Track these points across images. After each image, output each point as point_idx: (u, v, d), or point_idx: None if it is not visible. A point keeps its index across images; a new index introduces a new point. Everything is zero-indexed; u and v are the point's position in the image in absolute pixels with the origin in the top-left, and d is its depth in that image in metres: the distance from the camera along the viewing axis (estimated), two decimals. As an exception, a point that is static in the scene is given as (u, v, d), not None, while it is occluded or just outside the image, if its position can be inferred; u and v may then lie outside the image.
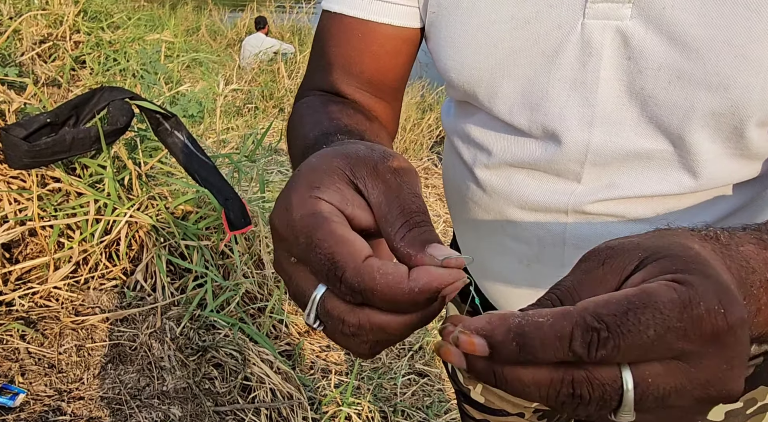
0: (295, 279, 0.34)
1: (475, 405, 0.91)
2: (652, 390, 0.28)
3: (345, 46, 0.63)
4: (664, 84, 0.48)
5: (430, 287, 0.30)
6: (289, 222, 0.33)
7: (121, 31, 3.93)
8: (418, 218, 0.33)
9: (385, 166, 0.35)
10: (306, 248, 0.32)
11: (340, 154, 0.36)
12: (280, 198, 0.35)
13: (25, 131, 1.54)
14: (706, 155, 0.50)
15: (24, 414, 1.36)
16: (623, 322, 0.27)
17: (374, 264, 0.31)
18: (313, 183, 0.34)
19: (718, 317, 0.27)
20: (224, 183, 1.89)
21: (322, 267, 0.32)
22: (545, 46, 0.51)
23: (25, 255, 1.70)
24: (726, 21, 0.44)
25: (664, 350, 0.27)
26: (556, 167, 0.56)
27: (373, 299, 0.31)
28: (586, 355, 0.27)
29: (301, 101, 0.64)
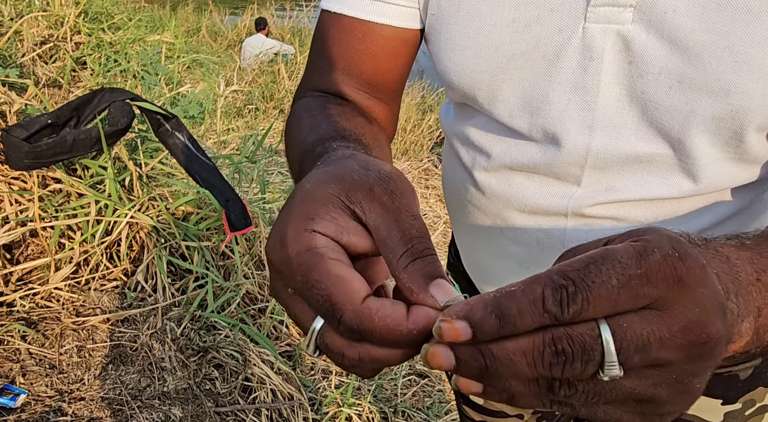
0: (293, 310, 0.35)
1: (474, 407, 0.92)
2: (630, 337, 0.28)
3: (344, 47, 0.63)
4: (665, 88, 0.48)
5: (428, 329, 0.31)
6: (284, 257, 0.33)
7: (121, 32, 3.93)
8: (420, 246, 0.33)
9: (381, 189, 0.35)
10: (303, 286, 0.32)
11: (334, 178, 0.35)
12: (274, 230, 0.35)
13: (26, 132, 1.54)
14: (705, 159, 0.50)
15: (25, 415, 1.36)
16: (586, 275, 0.28)
17: (372, 306, 0.31)
18: (308, 214, 0.34)
19: (674, 261, 0.28)
20: (225, 184, 1.89)
21: (320, 307, 0.32)
22: (546, 50, 0.51)
23: (26, 256, 1.71)
24: (727, 26, 0.44)
25: (632, 298, 0.28)
26: (555, 170, 0.56)
27: (372, 339, 0.31)
28: (560, 313, 0.28)
29: (299, 102, 0.64)
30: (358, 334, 0.31)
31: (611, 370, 0.29)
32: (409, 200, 0.35)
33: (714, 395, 0.69)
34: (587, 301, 0.28)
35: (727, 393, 0.69)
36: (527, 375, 0.29)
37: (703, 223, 0.55)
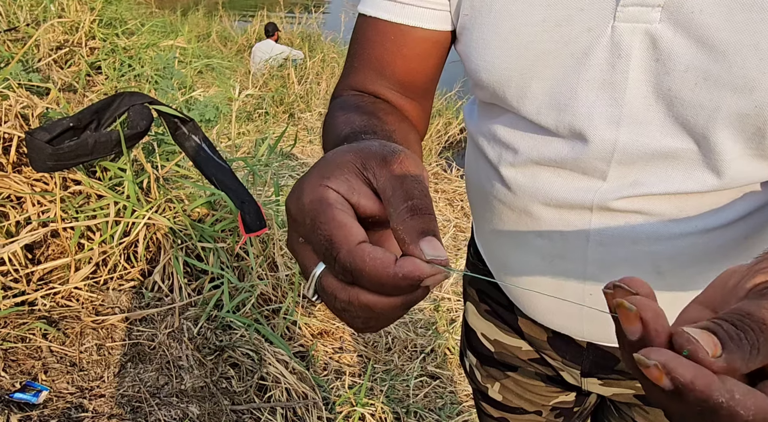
0: (300, 257, 0.38)
1: (493, 403, 0.93)
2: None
3: (378, 49, 0.66)
4: (691, 85, 0.49)
5: (412, 275, 0.33)
6: (299, 206, 0.37)
7: (135, 38, 3.98)
8: (419, 203, 0.36)
9: (392, 158, 0.38)
10: (310, 229, 0.36)
11: (353, 149, 0.39)
12: (295, 185, 0.39)
13: (49, 135, 1.57)
14: (729, 155, 0.52)
15: (47, 411, 1.39)
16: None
17: (366, 248, 0.34)
18: (324, 173, 0.37)
19: None
20: (240, 186, 1.92)
21: (321, 246, 0.35)
22: (575, 48, 0.53)
23: (47, 256, 1.74)
24: (752, 25, 0.46)
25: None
26: (582, 165, 0.57)
27: (361, 279, 0.34)
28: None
29: (336, 101, 0.67)
30: (350, 275, 0.34)
31: None
32: (418, 171, 0.38)
33: None
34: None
35: None
36: None
37: (726, 218, 0.57)
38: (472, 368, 0.94)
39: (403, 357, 2.25)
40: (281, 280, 2.07)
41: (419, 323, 2.49)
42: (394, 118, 0.61)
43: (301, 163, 4.16)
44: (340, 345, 2.14)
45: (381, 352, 2.21)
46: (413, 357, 2.27)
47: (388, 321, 0.37)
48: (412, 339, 2.34)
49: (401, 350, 2.27)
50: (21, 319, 1.59)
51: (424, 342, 2.35)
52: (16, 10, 3.55)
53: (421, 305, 2.65)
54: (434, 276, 0.34)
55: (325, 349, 2.08)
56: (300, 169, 3.93)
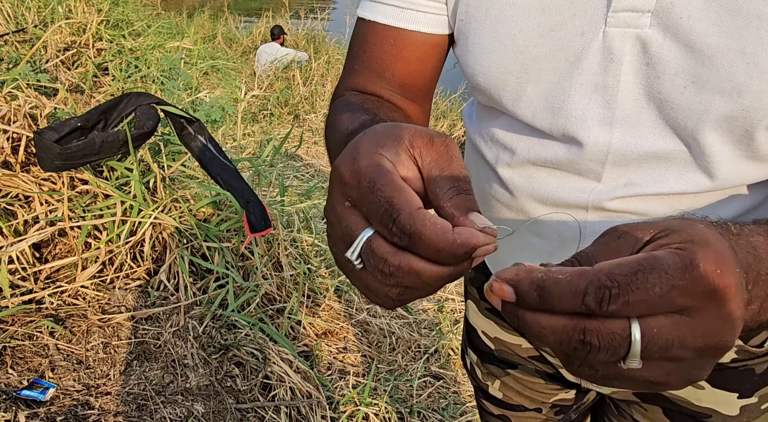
0: (345, 221, 0.38)
1: (494, 401, 0.94)
2: (656, 339, 0.32)
3: (378, 52, 0.67)
4: (680, 88, 0.50)
5: (469, 243, 0.35)
6: (355, 168, 0.37)
7: (141, 39, 4.01)
8: (464, 185, 0.38)
9: (439, 141, 0.39)
10: (367, 191, 0.36)
11: (400, 126, 0.40)
12: (347, 150, 0.39)
13: (57, 135, 1.59)
14: (718, 156, 0.53)
15: (54, 408, 1.41)
16: (633, 281, 0.31)
17: (426, 213, 0.35)
18: (378, 143, 0.38)
19: (715, 277, 0.31)
20: (245, 186, 1.93)
21: (380, 208, 0.35)
22: (569, 53, 0.54)
23: (54, 255, 1.76)
24: (739, 30, 0.47)
25: (669, 305, 0.31)
26: (577, 167, 0.59)
27: (419, 243, 0.35)
28: (597, 309, 0.31)
29: (338, 100, 0.68)
30: (408, 238, 0.35)
31: (632, 363, 0.32)
32: (460, 157, 0.40)
33: (730, 389, 0.71)
34: (627, 304, 0.31)
35: (743, 387, 0.71)
36: (550, 345, 0.33)
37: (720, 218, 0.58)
38: (473, 366, 0.95)
39: (407, 357, 2.26)
40: (286, 280, 2.08)
41: (423, 323, 2.50)
42: (398, 116, 0.63)
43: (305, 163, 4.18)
44: (344, 345, 2.15)
45: (385, 352, 2.22)
46: (417, 357, 2.28)
47: (425, 293, 0.38)
48: (416, 340, 2.35)
49: (405, 350, 2.28)
50: (28, 317, 1.61)
51: (428, 343, 2.36)
52: (24, 11, 3.59)
53: (425, 306, 2.66)
54: (486, 246, 0.35)
55: (329, 349, 2.09)
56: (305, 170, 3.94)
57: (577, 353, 0.32)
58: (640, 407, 0.79)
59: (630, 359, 0.32)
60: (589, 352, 0.32)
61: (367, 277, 0.38)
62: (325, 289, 2.27)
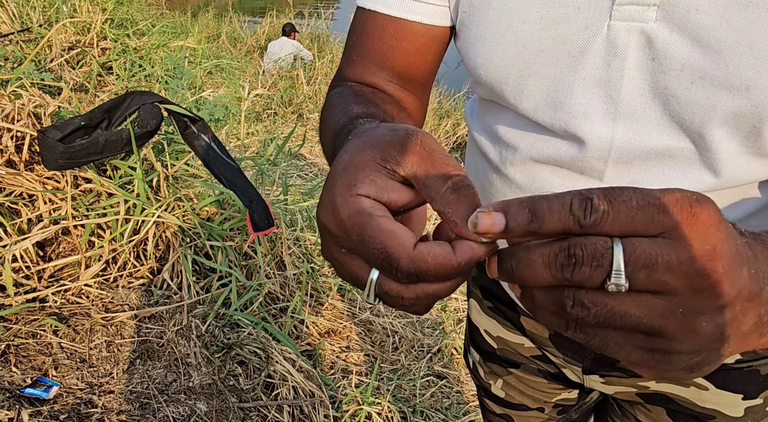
0: (348, 267, 0.39)
1: (496, 400, 0.93)
2: (639, 253, 0.32)
3: (377, 42, 0.67)
4: (687, 84, 0.49)
5: (472, 260, 0.35)
6: (338, 222, 0.37)
7: (146, 38, 4.02)
8: (458, 178, 0.37)
9: (411, 141, 0.38)
10: (359, 244, 0.36)
11: (368, 144, 0.39)
12: (323, 200, 0.39)
13: (61, 133, 1.59)
14: (725, 153, 0.52)
15: (57, 406, 1.41)
16: (610, 193, 0.32)
17: (423, 249, 0.35)
18: (350, 181, 0.37)
19: (692, 200, 0.32)
20: (249, 185, 1.93)
21: (377, 259, 0.36)
22: (572, 47, 0.53)
23: (58, 254, 1.76)
24: (748, 24, 0.46)
25: (648, 222, 0.31)
26: (579, 165, 0.58)
27: (426, 278, 0.36)
28: (582, 217, 0.32)
29: (333, 91, 0.68)
30: (414, 277, 0.35)
31: (618, 278, 0.32)
32: (438, 146, 0.39)
33: (734, 390, 0.70)
34: (607, 213, 0.31)
35: (748, 388, 0.70)
36: (543, 278, 0.33)
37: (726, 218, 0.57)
38: (476, 364, 0.94)
39: (410, 356, 2.26)
40: (289, 279, 2.08)
41: (426, 323, 2.50)
42: (393, 107, 0.62)
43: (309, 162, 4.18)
44: (347, 345, 2.15)
45: (388, 352, 2.21)
46: (420, 356, 2.27)
47: (446, 295, 0.39)
48: (419, 339, 2.34)
49: (408, 349, 2.28)
50: (32, 316, 1.61)
51: (431, 342, 2.36)
52: (29, 11, 3.60)
53: (428, 305, 2.65)
54: (489, 253, 0.36)
55: (332, 348, 2.09)
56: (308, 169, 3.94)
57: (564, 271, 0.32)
58: (643, 407, 0.78)
59: (615, 274, 0.31)
60: (574, 266, 0.32)
61: (392, 305, 0.39)
62: (328, 288, 2.27)
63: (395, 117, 0.58)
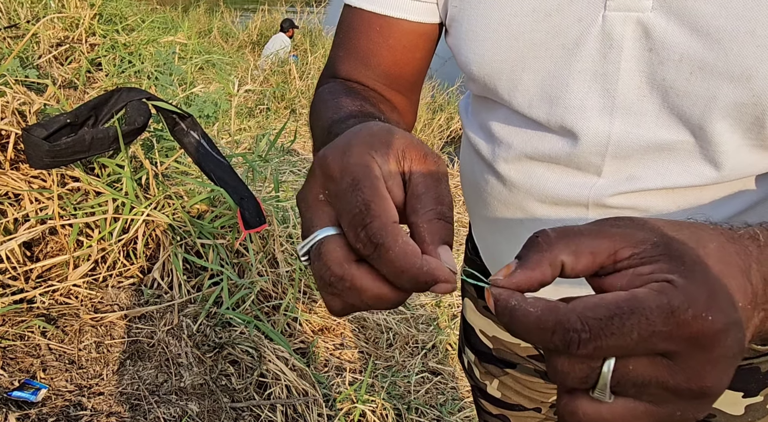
0: (312, 213, 0.37)
1: (492, 400, 0.92)
2: (631, 376, 0.30)
3: (363, 39, 0.65)
4: (686, 75, 0.48)
5: (434, 274, 0.33)
6: (343, 162, 0.35)
7: (135, 34, 3.97)
8: (447, 212, 0.36)
9: (431, 159, 0.37)
10: (348, 188, 0.34)
11: (395, 132, 0.38)
12: (338, 142, 0.37)
13: (46, 131, 1.56)
14: (726, 146, 0.50)
15: (46, 409, 1.39)
16: (607, 326, 0.29)
17: (401, 231, 0.34)
18: (372, 146, 0.37)
19: (704, 323, 0.29)
20: (239, 182, 1.91)
21: (354, 208, 0.34)
22: (566, 39, 0.52)
23: (45, 254, 1.73)
24: (748, 11, 0.44)
25: (649, 349, 0.29)
26: (576, 160, 0.56)
27: (383, 257, 0.33)
28: (565, 350, 0.29)
29: (323, 87, 0.66)
30: (373, 248, 0.33)
31: (600, 395, 0.31)
32: (447, 180, 0.38)
33: (735, 388, 0.69)
34: (600, 349, 0.29)
35: (748, 386, 0.69)
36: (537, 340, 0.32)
37: (726, 212, 0.55)
38: (471, 365, 0.93)
39: (405, 353, 2.24)
40: (281, 277, 2.06)
41: (420, 319, 2.48)
42: (385, 107, 0.60)
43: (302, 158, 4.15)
44: (340, 342, 2.13)
45: (382, 348, 2.20)
46: (414, 353, 2.26)
47: (364, 309, 0.36)
48: (414, 335, 2.33)
49: (402, 346, 2.27)
50: (19, 317, 1.58)
51: (426, 338, 2.34)
52: (16, 7, 3.55)
53: (423, 301, 2.64)
54: (447, 284, 0.33)
55: (325, 346, 2.07)
56: (301, 165, 3.91)
57: (548, 370, 0.32)
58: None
59: (598, 391, 0.30)
60: (556, 375, 0.31)
61: (315, 276, 0.36)
62: (322, 285, 2.25)
63: (388, 119, 0.56)
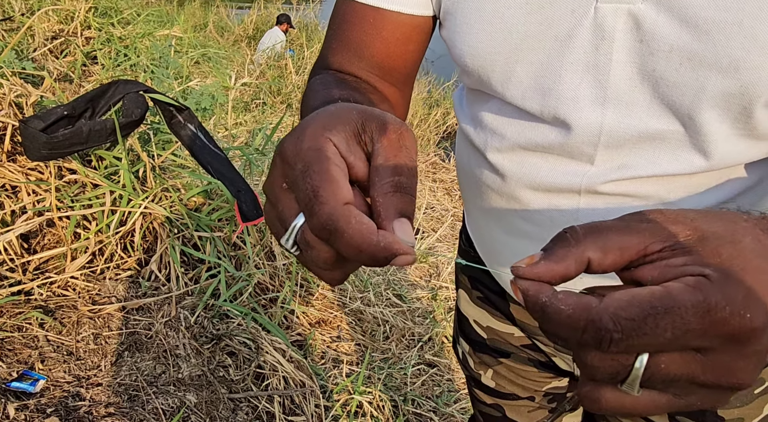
0: (281, 204, 0.37)
1: (486, 390, 0.93)
2: (663, 373, 0.30)
3: (357, 31, 0.65)
4: (675, 65, 0.49)
5: (391, 248, 0.33)
6: (296, 150, 0.36)
7: (131, 27, 3.96)
8: (406, 182, 0.36)
9: (393, 127, 0.37)
10: (299, 175, 0.35)
11: (356, 107, 0.38)
12: (296, 129, 0.38)
13: (43, 123, 1.57)
14: (715, 135, 0.51)
15: (44, 400, 1.39)
16: (641, 326, 0.28)
17: (352, 210, 0.33)
18: (327, 125, 0.37)
19: (742, 321, 0.28)
20: (237, 175, 1.91)
21: (305, 196, 0.34)
22: (558, 31, 0.53)
23: (43, 246, 1.74)
24: (736, 3, 0.45)
25: (681, 346, 0.29)
26: (569, 150, 0.57)
27: (340, 240, 0.33)
28: (597, 348, 0.29)
29: (315, 77, 0.67)
30: (327, 233, 0.33)
31: (630, 389, 0.31)
32: (413, 148, 0.38)
33: None
34: (632, 347, 0.29)
35: None
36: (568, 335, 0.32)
37: (715, 199, 0.56)
38: (465, 355, 0.94)
39: (401, 345, 2.26)
40: (278, 269, 2.07)
41: (417, 312, 2.50)
42: (376, 97, 0.61)
43: (298, 152, 4.14)
44: (337, 334, 2.14)
45: (379, 341, 2.21)
46: (411, 345, 2.28)
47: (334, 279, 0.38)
48: (410, 328, 2.34)
49: (399, 338, 2.28)
50: (17, 309, 1.59)
51: (422, 331, 2.36)
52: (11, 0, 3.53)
53: (419, 294, 2.66)
54: (406, 256, 0.34)
55: (322, 338, 2.08)
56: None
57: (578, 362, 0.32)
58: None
59: (627, 386, 0.31)
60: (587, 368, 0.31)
61: (307, 260, 0.37)
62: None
63: (379, 107, 0.56)
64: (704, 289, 0.28)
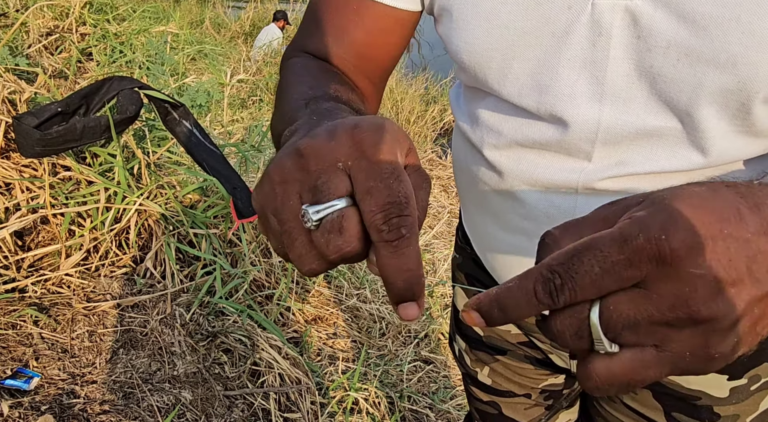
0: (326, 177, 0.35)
1: (483, 388, 0.93)
2: (616, 317, 0.30)
3: (338, 16, 0.64)
4: (673, 61, 0.48)
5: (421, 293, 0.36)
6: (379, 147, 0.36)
7: (126, 24, 3.94)
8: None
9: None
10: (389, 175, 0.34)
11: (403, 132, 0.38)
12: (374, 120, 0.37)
13: (37, 120, 1.55)
14: (713, 132, 0.51)
15: (39, 397, 1.39)
16: (570, 267, 0.30)
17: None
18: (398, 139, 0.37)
19: (658, 242, 0.29)
20: (232, 172, 1.91)
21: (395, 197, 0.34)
22: (555, 27, 0.52)
23: (37, 243, 1.72)
24: None
25: (617, 281, 0.30)
26: (566, 147, 0.57)
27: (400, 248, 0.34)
28: (552, 303, 0.31)
29: (293, 60, 0.65)
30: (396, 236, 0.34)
31: (601, 347, 0.31)
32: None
33: (720, 371, 0.70)
34: (574, 290, 0.30)
35: (733, 369, 0.70)
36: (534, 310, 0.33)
37: None
38: (461, 352, 0.93)
39: (397, 342, 2.26)
40: (274, 266, 2.06)
41: (413, 309, 2.49)
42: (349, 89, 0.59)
43: (295, 149, 4.13)
44: (333, 331, 2.14)
45: (375, 337, 2.21)
46: (407, 342, 2.27)
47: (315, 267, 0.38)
48: (406, 325, 2.34)
49: (395, 335, 2.28)
50: (11, 306, 1.58)
51: (418, 328, 2.36)
52: (5, -5, 3.51)
53: (415, 291, 2.65)
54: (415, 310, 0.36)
55: (318, 335, 2.08)
56: (294, 156, 3.90)
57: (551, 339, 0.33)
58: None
59: (597, 343, 0.31)
60: (558, 339, 0.32)
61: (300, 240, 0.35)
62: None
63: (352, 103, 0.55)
64: (623, 224, 0.31)
